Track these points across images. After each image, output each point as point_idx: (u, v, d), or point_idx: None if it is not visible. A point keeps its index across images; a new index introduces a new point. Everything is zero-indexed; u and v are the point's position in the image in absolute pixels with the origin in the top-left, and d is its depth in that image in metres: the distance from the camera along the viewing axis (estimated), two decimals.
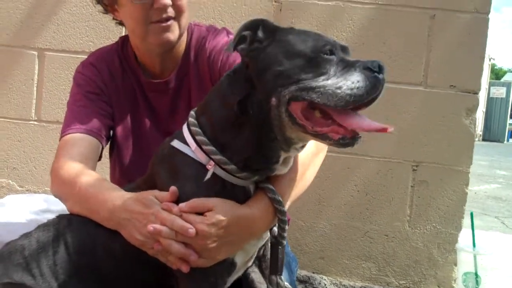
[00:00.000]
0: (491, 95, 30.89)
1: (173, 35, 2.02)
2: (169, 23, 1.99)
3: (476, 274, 2.88)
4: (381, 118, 1.43)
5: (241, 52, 1.55)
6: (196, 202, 1.57)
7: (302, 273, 3.21)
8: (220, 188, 1.59)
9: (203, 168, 1.59)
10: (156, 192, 1.66)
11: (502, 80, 41.43)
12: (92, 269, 1.69)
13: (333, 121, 1.46)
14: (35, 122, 3.43)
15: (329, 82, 1.42)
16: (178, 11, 2.01)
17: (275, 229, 1.70)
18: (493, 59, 37.53)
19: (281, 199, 1.63)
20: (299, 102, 1.45)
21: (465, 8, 3.11)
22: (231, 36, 2.10)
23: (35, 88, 3.41)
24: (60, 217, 1.83)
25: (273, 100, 1.48)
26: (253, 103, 1.53)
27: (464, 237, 3.08)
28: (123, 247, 1.67)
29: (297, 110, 1.46)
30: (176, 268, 1.60)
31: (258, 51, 1.53)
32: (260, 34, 1.54)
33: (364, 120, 1.45)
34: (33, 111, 3.42)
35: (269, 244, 1.74)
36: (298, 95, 1.44)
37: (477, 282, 2.87)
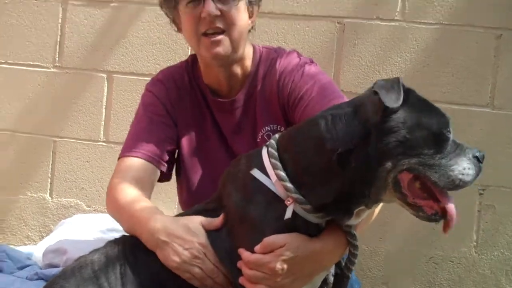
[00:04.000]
0: None
1: (223, 49, 2.00)
2: (218, 37, 1.99)
3: None
4: None
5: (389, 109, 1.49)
6: (267, 241, 1.57)
7: None
8: (292, 222, 1.58)
9: (280, 201, 1.59)
10: (202, 218, 1.72)
11: None
12: (156, 282, 1.73)
13: (429, 195, 1.51)
14: (103, 143, 3.51)
15: (443, 161, 1.47)
16: (228, 23, 1.99)
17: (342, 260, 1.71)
18: None
19: (355, 233, 1.63)
20: (410, 173, 1.49)
21: None
22: (303, 58, 2.11)
23: (103, 110, 3.50)
24: (127, 235, 1.88)
25: (388, 164, 1.47)
26: (359, 158, 1.50)
27: None
28: None
29: (405, 179, 1.50)
30: None
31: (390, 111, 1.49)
32: None
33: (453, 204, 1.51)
34: (102, 132, 3.51)
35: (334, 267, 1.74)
36: (415, 168, 1.47)
37: None
